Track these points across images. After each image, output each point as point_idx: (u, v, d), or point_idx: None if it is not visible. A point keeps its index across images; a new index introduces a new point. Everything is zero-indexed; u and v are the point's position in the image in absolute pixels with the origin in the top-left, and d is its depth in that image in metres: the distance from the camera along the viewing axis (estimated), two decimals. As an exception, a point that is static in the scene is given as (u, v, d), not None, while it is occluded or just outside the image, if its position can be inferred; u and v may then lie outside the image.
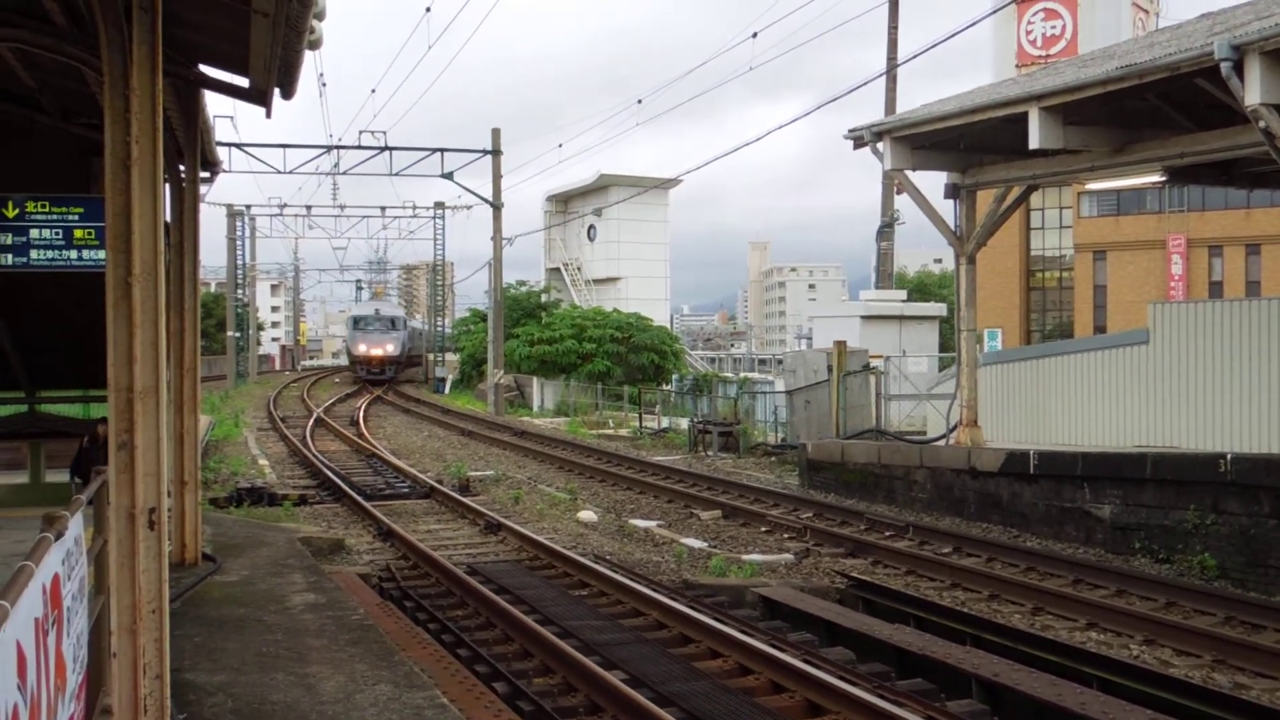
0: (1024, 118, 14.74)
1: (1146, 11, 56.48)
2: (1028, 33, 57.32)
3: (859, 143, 17.86)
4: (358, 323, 66.35)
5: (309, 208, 57.28)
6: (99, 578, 5.64)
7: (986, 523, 15.98)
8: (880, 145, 17.52)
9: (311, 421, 33.39)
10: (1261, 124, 11.94)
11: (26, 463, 14.70)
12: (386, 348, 63.87)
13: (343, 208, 57.84)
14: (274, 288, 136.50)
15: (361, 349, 63.93)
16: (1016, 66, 52.85)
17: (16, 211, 11.91)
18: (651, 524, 15.85)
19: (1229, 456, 12.96)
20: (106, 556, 5.77)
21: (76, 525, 4.64)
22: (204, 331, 60.51)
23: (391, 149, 39.81)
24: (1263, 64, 11.68)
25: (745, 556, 13.43)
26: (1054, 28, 56.81)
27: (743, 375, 54.09)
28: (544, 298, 56.90)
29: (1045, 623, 10.80)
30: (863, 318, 33.92)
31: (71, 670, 4.21)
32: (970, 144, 17.43)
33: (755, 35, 23.21)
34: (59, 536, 4.07)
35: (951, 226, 18.26)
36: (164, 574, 6.15)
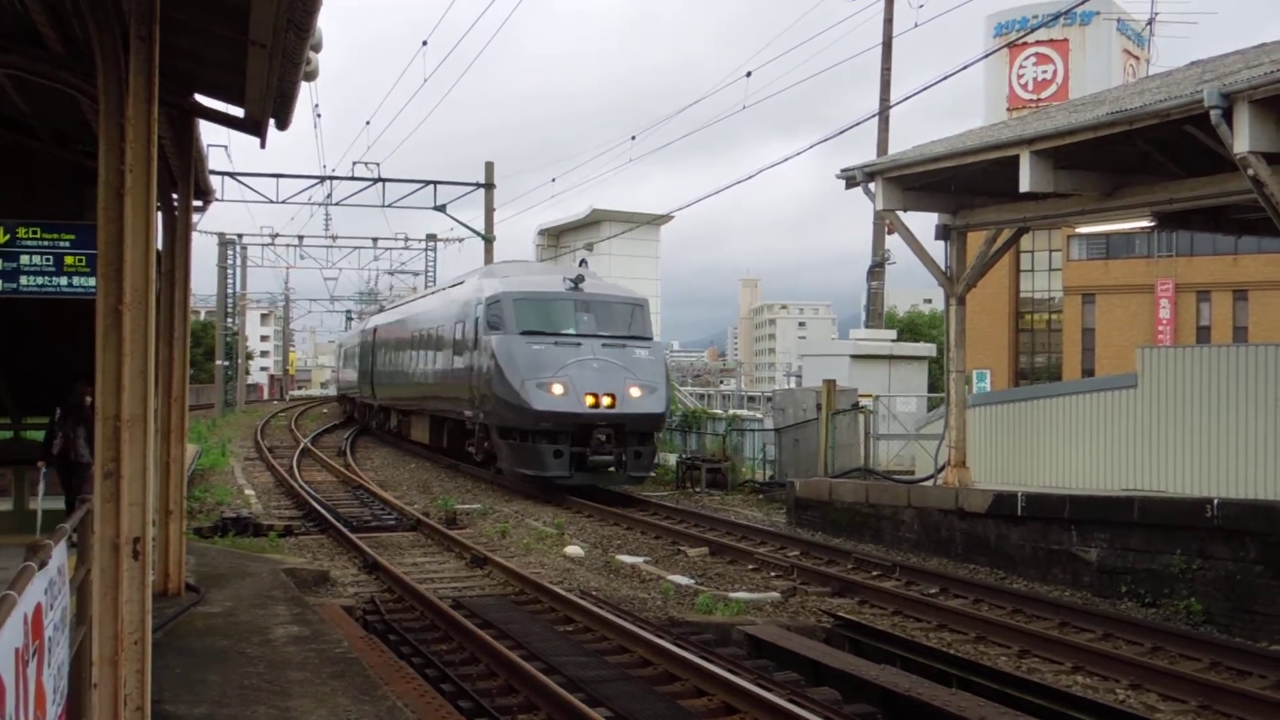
0: (1015, 161, 14.83)
1: (1137, 58, 57.05)
2: (1019, 77, 57.83)
3: (851, 183, 17.95)
4: (541, 317, 24.19)
5: (301, 237, 57.21)
6: (81, 607, 5.60)
7: (973, 564, 15.95)
8: (872, 186, 17.62)
9: (298, 452, 33.25)
10: (1250, 171, 12.02)
11: (11, 489, 14.62)
12: (629, 390, 23.22)
13: (335, 238, 57.67)
14: (264, 317, 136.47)
15: (554, 391, 22.60)
16: (1008, 110, 53.28)
17: (7, 237, 11.91)
18: (638, 560, 15.79)
19: (1215, 501, 12.97)
20: (89, 586, 5.73)
21: (60, 554, 4.61)
22: (192, 360, 43.25)
23: (385, 180, 39.90)
24: (1252, 112, 11.78)
25: (732, 594, 13.38)
26: (1045, 72, 57.33)
27: (731, 412, 53.95)
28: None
29: (1032, 665, 10.77)
30: (852, 356, 33.94)
31: (51, 701, 4.17)
32: (961, 186, 17.53)
33: (749, 74, 23.38)
34: (42, 566, 4.05)
35: (942, 267, 18.34)
36: (147, 604, 6.11)
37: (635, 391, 22.82)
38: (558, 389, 22.25)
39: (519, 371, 22.53)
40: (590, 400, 22.28)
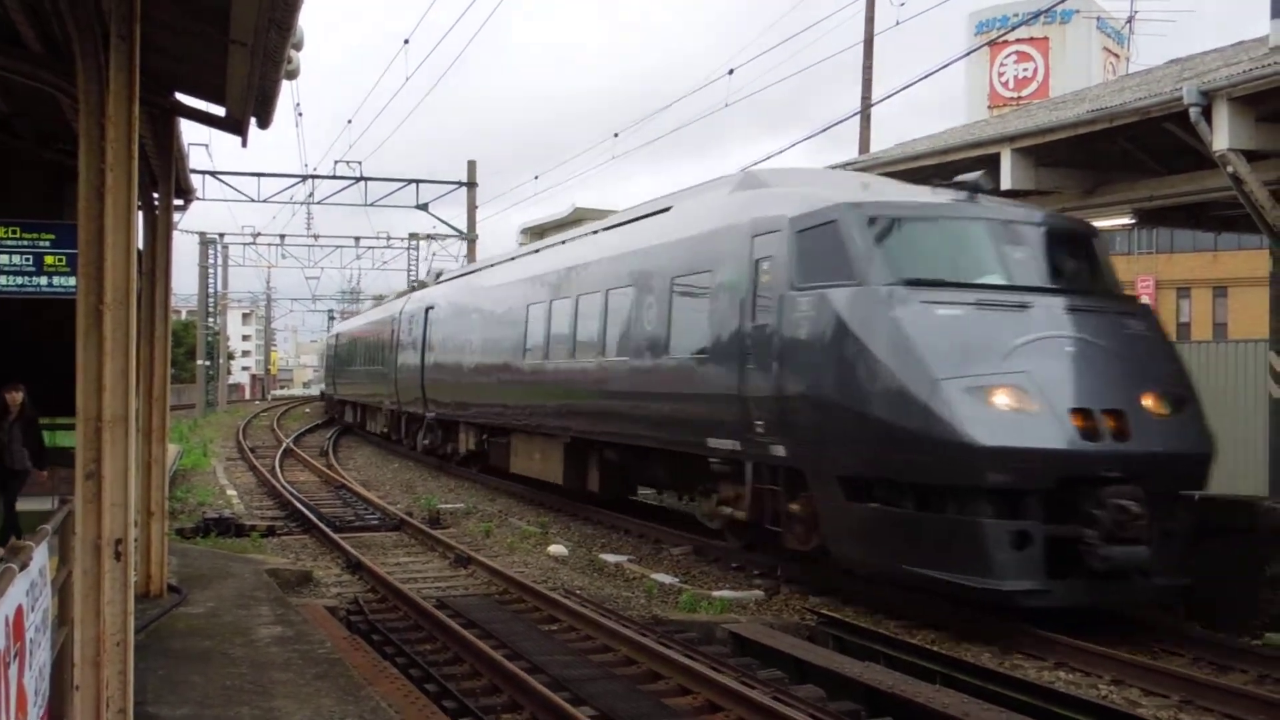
0: (996, 159, 14.89)
1: (1117, 56, 57.31)
2: (1000, 75, 58.03)
3: (833, 181, 17.95)
4: (931, 255, 12.16)
5: (282, 236, 56.97)
6: (63, 609, 5.58)
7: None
8: (854, 184, 17.60)
9: (280, 452, 33.16)
10: (1229, 169, 12.11)
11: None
12: (1142, 400, 11.21)
13: (316, 237, 57.49)
14: (245, 316, 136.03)
15: (999, 404, 10.69)
16: (989, 108, 53.43)
17: (-13, 237, 11.85)
18: (622, 559, 15.79)
19: (1195, 497, 13.02)
20: (71, 588, 5.71)
21: (41, 556, 4.59)
22: (173, 360, 40.12)
23: (366, 179, 39.85)
24: (1231, 110, 11.87)
25: (715, 593, 13.38)
26: (1026, 70, 57.53)
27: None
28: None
29: (1014, 662, 10.80)
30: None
31: (33, 703, 4.15)
32: (944, 184, 17.56)
33: (731, 72, 23.41)
34: (23, 567, 4.03)
35: (924, 265, 18.33)
36: (129, 606, 6.09)
37: (1154, 404, 11.40)
38: (1007, 400, 10.84)
39: (922, 363, 11.01)
40: (1078, 423, 10.83)
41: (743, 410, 13.20)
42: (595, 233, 20.72)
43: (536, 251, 24.10)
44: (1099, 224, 15.08)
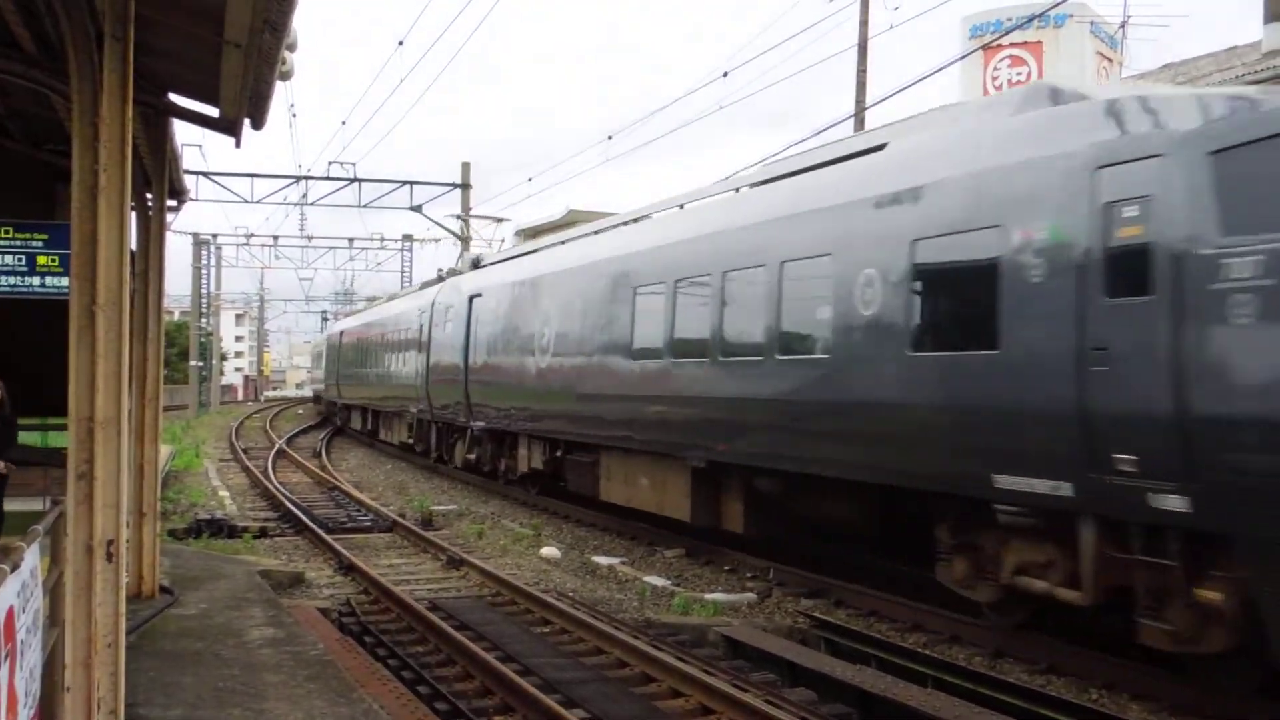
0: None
1: (1110, 60, 57.44)
2: (994, 78, 58.11)
3: (827, 184, 17.89)
4: None
5: (276, 238, 56.99)
6: (54, 610, 5.57)
7: (949, 564, 15.89)
8: (848, 187, 17.50)
9: (273, 453, 33.11)
10: (1222, 174, 12.11)
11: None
12: None
13: (310, 238, 57.50)
14: (238, 318, 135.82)
15: None
16: (982, 112, 53.46)
17: (-21, 237, 11.84)
18: (615, 561, 15.79)
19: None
20: (63, 589, 5.70)
21: (33, 556, 4.59)
22: (166, 360, 37.14)
23: (360, 180, 39.84)
24: (1223, 115, 11.88)
25: (708, 595, 13.39)
26: (1020, 74, 57.55)
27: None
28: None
29: (1006, 666, 10.81)
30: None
31: (23, 704, 4.15)
32: None
33: (726, 74, 23.47)
34: (15, 568, 4.03)
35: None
36: (121, 607, 6.08)
37: None
38: None
39: None
40: None
41: (1083, 436, 8.89)
42: (736, 190, 15.72)
43: (636, 221, 18.86)
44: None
